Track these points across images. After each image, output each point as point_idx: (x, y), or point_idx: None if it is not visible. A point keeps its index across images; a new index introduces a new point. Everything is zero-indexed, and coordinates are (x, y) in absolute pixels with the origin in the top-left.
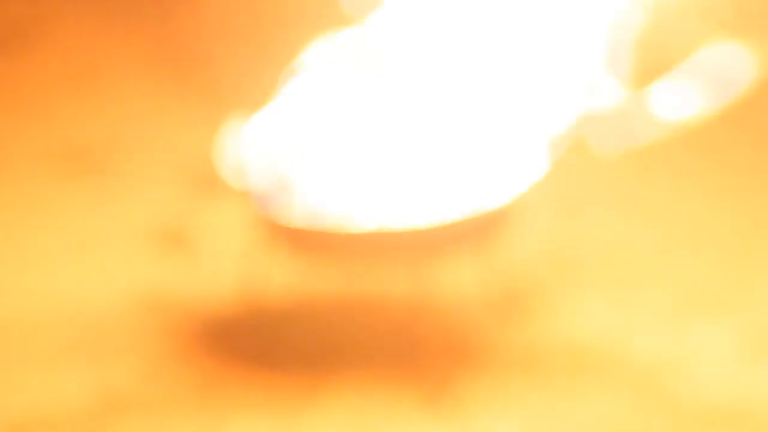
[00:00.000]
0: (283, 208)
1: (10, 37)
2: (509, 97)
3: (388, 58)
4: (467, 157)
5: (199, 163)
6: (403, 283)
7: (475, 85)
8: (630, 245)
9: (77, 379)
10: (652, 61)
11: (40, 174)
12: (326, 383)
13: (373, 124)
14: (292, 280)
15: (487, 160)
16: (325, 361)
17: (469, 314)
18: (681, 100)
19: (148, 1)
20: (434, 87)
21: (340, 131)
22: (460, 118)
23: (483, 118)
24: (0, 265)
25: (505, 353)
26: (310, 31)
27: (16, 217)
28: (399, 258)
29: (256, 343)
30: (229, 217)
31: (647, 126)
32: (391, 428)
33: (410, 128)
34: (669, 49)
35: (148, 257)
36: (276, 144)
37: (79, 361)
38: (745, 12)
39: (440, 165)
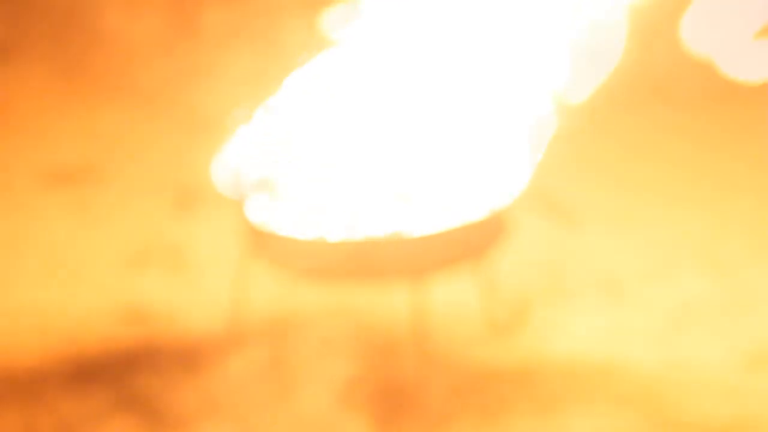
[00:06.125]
0: (272, 219)
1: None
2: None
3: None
4: (459, 168)
5: (186, 178)
6: (397, 294)
7: (464, 96)
8: (627, 258)
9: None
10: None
11: (27, 191)
12: (316, 394)
13: (365, 136)
14: (280, 291)
15: (478, 171)
16: (315, 371)
17: (464, 328)
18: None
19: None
20: (423, 99)
21: (330, 143)
22: (450, 129)
23: (473, 129)
24: None
25: (501, 368)
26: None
27: (3, 233)
28: (392, 269)
29: (244, 353)
30: (216, 232)
31: None
32: None
33: (402, 140)
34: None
35: (135, 271)
36: (265, 155)
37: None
38: None
39: (432, 176)
